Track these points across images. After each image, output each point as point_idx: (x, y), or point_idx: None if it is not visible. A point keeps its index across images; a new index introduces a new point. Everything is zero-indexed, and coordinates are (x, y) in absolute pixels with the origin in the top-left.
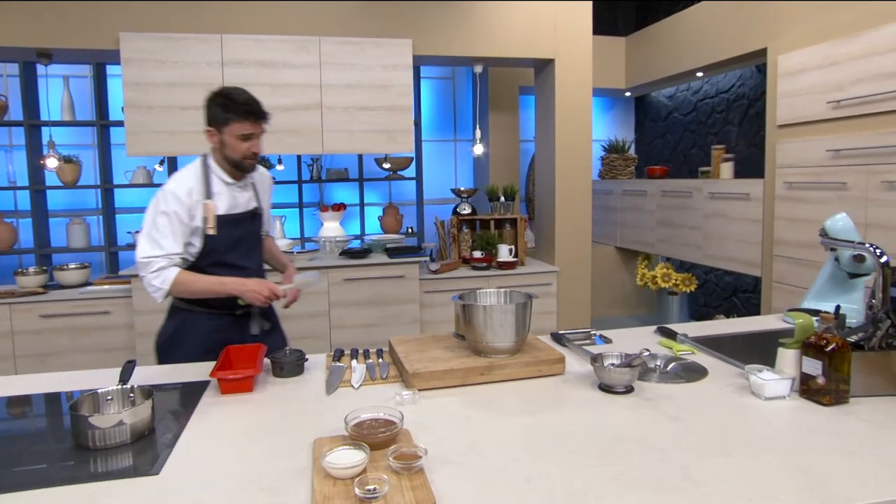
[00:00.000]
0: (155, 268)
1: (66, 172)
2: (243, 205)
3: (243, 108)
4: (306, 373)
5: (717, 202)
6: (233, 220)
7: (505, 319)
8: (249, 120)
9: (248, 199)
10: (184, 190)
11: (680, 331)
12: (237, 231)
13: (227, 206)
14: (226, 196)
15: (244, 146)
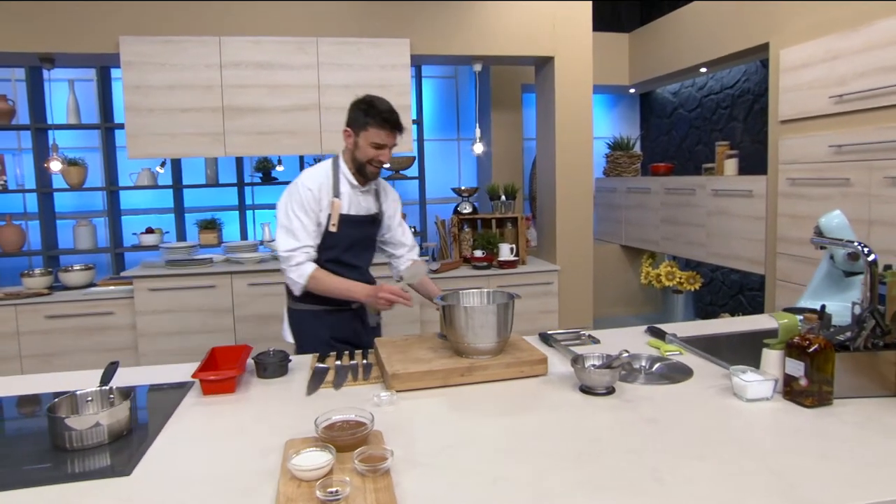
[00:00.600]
0: (294, 262)
1: (72, 175)
2: (365, 208)
3: (383, 117)
4: (290, 373)
5: (720, 199)
6: (353, 220)
7: (486, 320)
8: (385, 129)
9: (371, 204)
10: (315, 185)
11: (671, 331)
12: (355, 231)
13: (349, 207)
14: (350, 197)
15: (373, 153)
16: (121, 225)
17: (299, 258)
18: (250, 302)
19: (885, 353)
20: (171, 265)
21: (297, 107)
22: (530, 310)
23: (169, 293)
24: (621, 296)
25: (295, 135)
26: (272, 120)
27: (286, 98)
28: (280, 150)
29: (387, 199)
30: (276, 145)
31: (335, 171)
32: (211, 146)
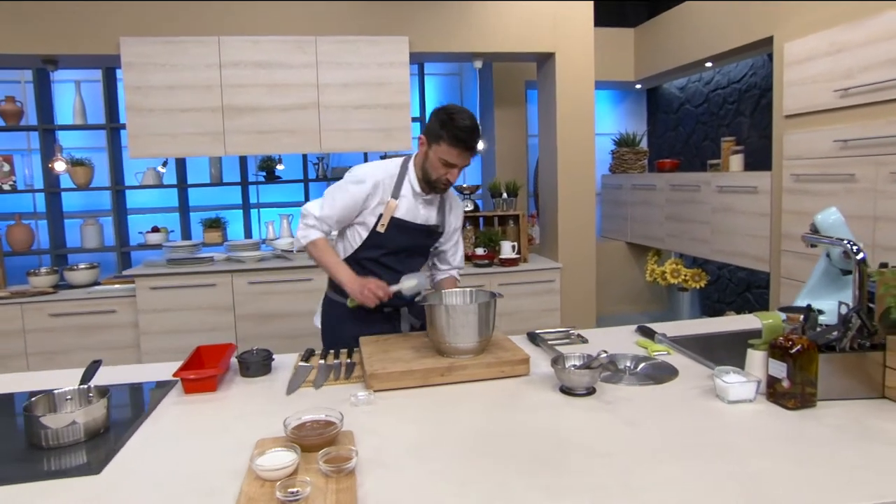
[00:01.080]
0: (308, 223)
1: (78, 175)
2: (423, 217)
3: (457, 136)
4: (274, 372)
5: (724, 196)
6: (406, 227)
7: (466, 320)
8: (458, 148)
9: (432, 214)
10: (373, 178)
11: (664, 330)
12: (405, 238)
13: (406, 212)
14: (410, 203)
15: (442, 171)
16: (127, 224)
17: (312, 222)
18: (251, 300)
19: (872, 353)
20: (172, 264)
21: (297, 105)
22: (532, 308)
23: (170, 291)
24: (627, 293)
25: (294, 133)
26: (271, 119)
27: (285, 97)
28: (280, 148)
29: (451, 213)
30: (276, 144)
31: (402, 171)
32: (211, 145)
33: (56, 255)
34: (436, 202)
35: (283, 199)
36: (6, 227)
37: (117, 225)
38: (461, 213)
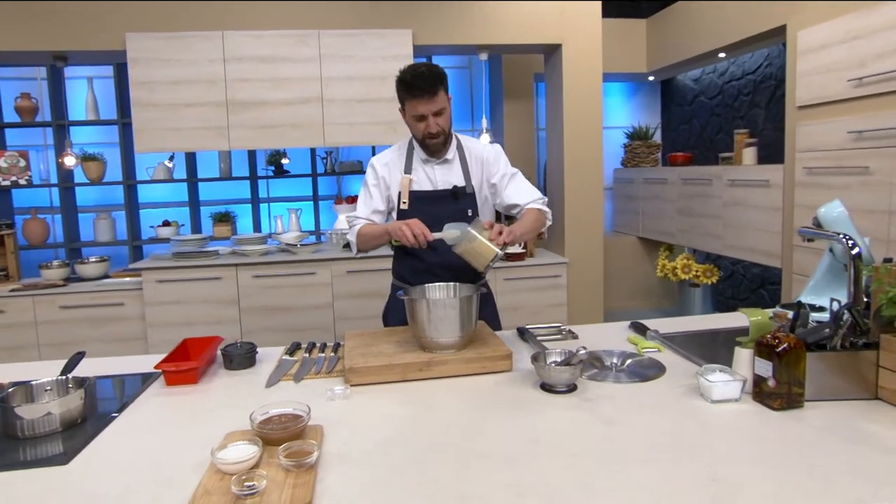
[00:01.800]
0: (349, 226)
1: (91, 170)
2: (445, 182)
3: (407, 82)
4: (258, 365)
5: (736, 190)
6: (429, 196)
7: (446, 314)
8: (415, 96)
9: (453, 176)
10: (381, 162)
11: (658, 326)
12: (433, 208)
13: (424, 183)
14: (425, 172)
15: (420, 126)
16: (139, 218)
17: (353, 223)
18: (255, 294)
19: (865, 352)
20: (178, 257)
21: (300, 100)
22: (538, 303)
23: (176, 284)
24: (638, 289)
25: (298, 127)
26: (275, 113)
27: (289, 91)
28: (284, 142)
29: (478, 167)
30: (280, 138)
31: (409, 147)
32: (215, 140)
33: (70, 249)
34: (456, 164)
35: (292, 194)
36: (22, 222)
37: (129, 219)
38: (497, 159)
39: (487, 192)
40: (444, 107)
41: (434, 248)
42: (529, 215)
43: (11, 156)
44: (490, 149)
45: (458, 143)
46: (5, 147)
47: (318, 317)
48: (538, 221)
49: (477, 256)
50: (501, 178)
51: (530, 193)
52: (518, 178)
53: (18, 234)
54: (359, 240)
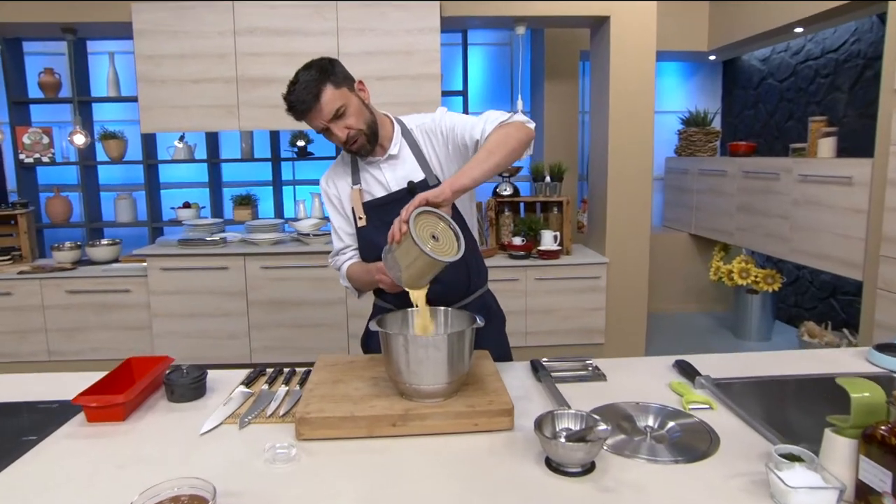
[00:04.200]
0: (336, 267)
1: (111, 148)
2: (401, 178)
3: (291, 109)
4: (208, 395)
5: (810, 186)
6: (383, 203)
7: (428, 356)
8: (304, 116)
9: (409, 169)
10: (327, 181)
11: (707, 366)
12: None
13: (374, 190)
14: (371, 178)
15: (332, 139)
16: (160, 198)
17: (338, 262)
18: (264, 286)
19: None
20: (183, 244)
21: None
22: (573, 306)
23: (181, 273)
24: (689, 290)
25: None
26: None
27: None
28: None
29: (431, 146)
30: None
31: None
32: (224, 119)
33: (90, 229)
34: (405, 154)
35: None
36: (45, 200)
37: (149, 200)
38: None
39: (457, 160)
40: (342, 104)
41: None
42: (485, 144)
43: (35, 132)
44: (433, 115)
45: (403, 129)
46: (30, 123)
47: (330, 313)
48: (493, 141)
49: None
50: (450, 131)
51: (484, 117)
52: (464, 116)
53: (42, 212)
54: (353, 284)
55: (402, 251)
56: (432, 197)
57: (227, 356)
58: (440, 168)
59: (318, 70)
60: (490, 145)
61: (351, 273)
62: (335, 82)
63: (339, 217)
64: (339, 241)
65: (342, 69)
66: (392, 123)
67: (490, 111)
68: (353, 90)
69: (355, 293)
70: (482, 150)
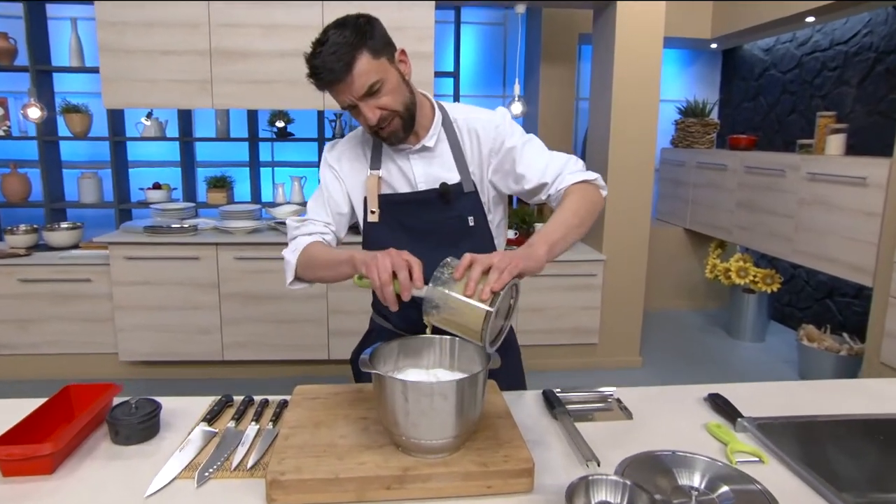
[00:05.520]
0: (291, 235)
1: (74, 122)
2: (425, 179)
3: (314, 75)
4: (163, 434)
5: (818, 186)
6: (404, 202)
7: (432, 405)
8: (330, 86)
9: (442, 168)
10: (335, 155)
11: (737, 400)
12: (413, 220)
13: (396, 183)
14: (394, 168)
15: (360, 119)
16: (127, 178)
17: (300, 231)
18: (237, 278)
19: None
20: (150, 232)
21: (297, 52)
22: (566, 304)
23: (147, 263)
24: (681, 287)
25: (295, 85)
26: (267, 67)
27: (284, 41)
28: (277, 102)
29: (476, 148)
30: (273, 97)
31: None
32: (196, 96)
33: (51, 210)
34: (442, 149)
35: (298, 158)
36: (0, 176)
37: (116, 179)
38: (502, 126)
39: (498, 182)
40: (379, 79)
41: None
42: (567, 204)
43: None
44: (491, 116)
45: (444, 118)
46: None
47: (309, 308)
48: (583, 207)
49: (459, 327)
50: (508, 152)
51: (558, 162)
52: (534, 145)
53: None
54: (302, 261)
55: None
56: (531, 271)
57: (196, 352)
58: (479, 175)
59: (353, 31)
60: (582, 213)
61: (310, 252)
62: (373, 50)
63: (340, 192)
64: (319, 209)
65: (383, 32)
66: (433, 108)
67: (563, 156)
68: (394, 61)
69: (289, 275)
70: (574, 216)
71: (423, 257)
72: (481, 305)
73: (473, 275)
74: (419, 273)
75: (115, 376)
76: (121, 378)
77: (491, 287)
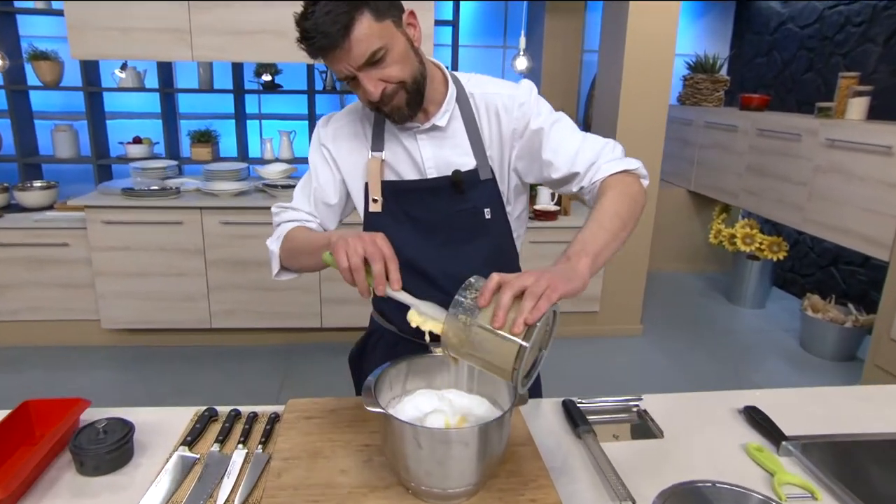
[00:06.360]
0: (274, 222)
1: (43, 70)
2: (436, 164)
3: (304, 40)
4: (137, 460)
5: (837, 153)
6: (410, 191)
7: (450, 454)
8: (323, 54)
9: (448, 152)
10: (327, 127)
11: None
12: (422, 211)
13: (401, 167)
14: (400, 149)
15: (358, 92)
16: (105, 131)
17: (284, 217)
18: (224, 243)
19: None
20: (128, 195)
21: None
22: None
23: (127, 228)
24: (682, 250)
25: (282, 36)
26: (251, 15)
27: None
28: (262, 55)
29: (496, 128)
30: (258, 50)
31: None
32: (173, 47)
33: (24, 165)
34: (456, 128)
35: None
36: None
37: (93, 133)
38: (527, 102)
39: (522, 170)
40: (382, 45)
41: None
42: (605, 203)
43: None
44: (514, 91)
45: (459, 93)
46: None
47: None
48: (625, 206)
49: (485, 364)
50: (534, 134)
51: (593, 147)
52: (564, 126)
53: None
54: (285, 248)
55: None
56: (573, 293)
57: (183, 320)
58: (498, 160)
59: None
60: (624, 213)
61: (291, 238)
62: (376, 10)
63: (329, 177)
64: (304, 198)
65: None
66: (445, 81)
67: (599, 140)
68: (401, 24)
69: (274, 266)
70: (615, 218)
71: (432, 253)
72: (513, 339)
73: (503, 301)
74: (396, 273)
75: (98, 344)
76: (105, 346)
77: (525, 319)
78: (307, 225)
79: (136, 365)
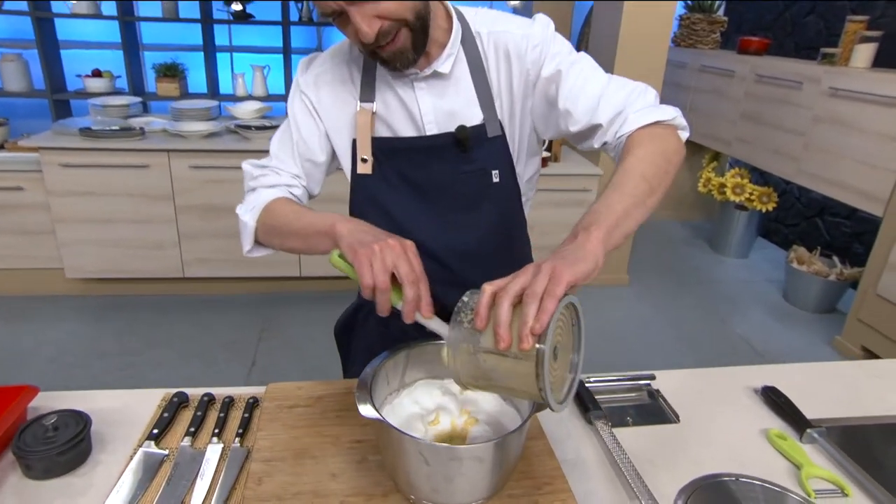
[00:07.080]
0: (248, 186)
1: None
2: (436, 117)
3: None
4: (96, 456)
5: (839, 102)
6: (406, 149)
7: (462, 470)
8: None
9: (450, 102)
10: (308, 71)
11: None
12: (419, 172)
13: (395, 121)
14: (394, 100)
15: (348, 32)
16: (60, 62)
17: (260, 183)
18: (194, 188)
19: None
20: (86, 135)
21: None
22: (556, 220)
23: (87, 171)
24: (668, 197)
25: None
26: None
27: None
28: None
29: (506, 74)
30: None
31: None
32: None
33: None
34: (460, 75)
35: (260, 43)
36: None
37: (45, 63)
38: (543, 40)
39: (538, 122)
40: None
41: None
42: (631, 161)
43: None
44: (527, 29)
45: (465, 32)
46: None
47: None
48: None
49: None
50: (549, 80)
51: (619, 93)
52: (584, 67)
53: None
54: (264, 222)
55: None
56: (585, 277)
57: (154, 269)
58: (508, 112)
59: None
60: (653, 174)
61: (275, 212)
62: None
63: (314, 130)
64: (285, 153)
65: None
66: (448, 18)
67: (627, 84)
68: None
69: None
70: (641, 181)
71: (432, 222)
72: (526, 356)
73: (502, 317)
74: (428, 296)
75: (64, 293)
76: (71, 296)
77: (531, 329)
78: (291, 193)
79: (106, 316)
